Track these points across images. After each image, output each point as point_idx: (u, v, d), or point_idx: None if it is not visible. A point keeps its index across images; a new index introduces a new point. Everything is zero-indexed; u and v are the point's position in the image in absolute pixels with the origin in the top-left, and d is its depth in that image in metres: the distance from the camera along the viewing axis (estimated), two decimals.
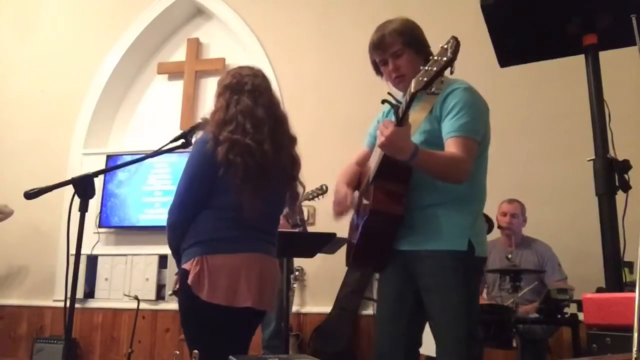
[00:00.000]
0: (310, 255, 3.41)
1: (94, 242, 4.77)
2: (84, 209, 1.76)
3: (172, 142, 2.01)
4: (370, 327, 4.19)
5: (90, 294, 4.73)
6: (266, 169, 1.96)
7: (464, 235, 1.79)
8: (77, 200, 1.76)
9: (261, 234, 2.02)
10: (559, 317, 2.91)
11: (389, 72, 1.94)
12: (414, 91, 1.56)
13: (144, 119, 5.25)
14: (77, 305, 3.63)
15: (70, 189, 1.76)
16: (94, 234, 4.77)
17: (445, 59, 1.46)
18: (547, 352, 3.43)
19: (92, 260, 4.76)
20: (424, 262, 1.81)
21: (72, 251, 1.72)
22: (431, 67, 1.50)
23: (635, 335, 1.14)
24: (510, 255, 3.22)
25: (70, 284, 1.68)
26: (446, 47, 1.47)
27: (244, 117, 1.99)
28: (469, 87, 1.87)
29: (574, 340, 2.87)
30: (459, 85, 1.85)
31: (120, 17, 5.27)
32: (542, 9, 2.03)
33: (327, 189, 3.64)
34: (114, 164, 4.47)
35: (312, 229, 4.20)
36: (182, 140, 2.01)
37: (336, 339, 4.13)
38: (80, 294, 4.60)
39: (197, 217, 1.97)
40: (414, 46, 1.90)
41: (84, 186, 1.77)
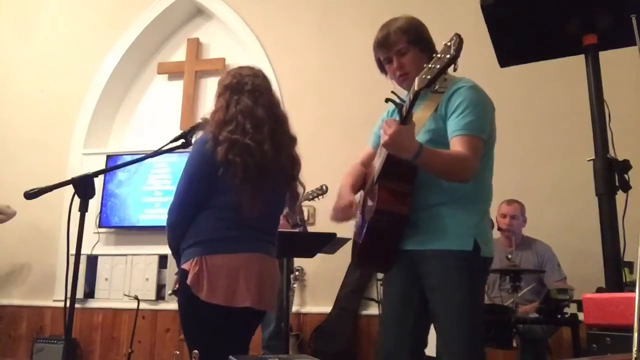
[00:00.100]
0: (310, 255, 3.41)
1: (94, 242, 4.77)
2: (84, 209, 1.77)
3: (172, 142, 2.01)
4: (370, 327, 4.19)
5: (90, 294, 4.73)
6: (266, 169, 1.96)
7: (469, 234, 1.78)
8: (77, 200, 1.76)
9: (261, 234, 2.02)
10: (559, 317, 2.90)
11: (393, 71, 1.92)
12: (417, 89, 1.55)
13: (144, 119, 5.25)
14: (77, 305, 3.63)
15: (70, 189, 1.76)
16: (94, 234, 4.77)
17: (448, 57, 1.45)
18: (547, 352, 3.43)
19: (92, 260, 4.76)
20: (429, 261, 1.79)
21: (72, 251, 1.72)
22: (434, 65, 1.49)
23: (635, 335, 1.14)
24: (510, 255, 3.21)
25: (70, 284, 1.68)
26: (449, 44, 1.46)
27: (244, 117, 1.99)
28: (475, 85, 1.85)
29: (574, 340, 2.86)
30: (464, 83, 1.84)
31: (120, 17, 5.27)
32: (542, 9, 2.02)
33: (327, 189, 3.64)
34: (114, 164, 4.47)
35: (312, 229, 4.20)
36: (182, 140, 2.01)
37: (336, 339, 4.13)
38: (80, 294, 4.60)
39: (196, 217, 1.97)
40: (418, 44, 1.89)
41: (84, 186, 1.78)
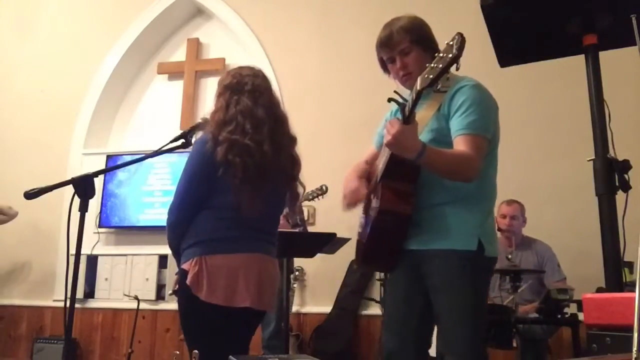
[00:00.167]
0: (310, 255, 3.41)
1: (94, 242, 4.77)
2: (84, 209, 1.77)
3: (172, 142, 2.01)
4: (370, 327, 4.19)
5: (90, 294, 4.73)
6: (265, 169, 1.96)
7: (473, 234, 1.77)
8: (77, 200, 1.76)
9: (261, 234, 2.02)
10: (559, 317, 2.90)
11: (396, 70, 1.91)
12: (419, 89, 1.54)
13: (144, 119, 5.24)
14: (77, 305, 3.62)
15: (70, 189, 1.76)
16: (94, 234, 4.77)
17: (450, 56, 1.45)
18: (547, 352, 3.43)
19: (92, 260, 4.76)
20: (433, 261, 1.78)
21: (72, 251, 1.72)
22: (437, 65, 1.49)
23: (635, 335, 1.14)
24: (510, 255, 3.21)
25: (70, 284, 1.68)
26: (451, 43, 1.45)
27: (244, 118, 1.99)
28: (478, 84, 1.84)
29: (574, 340, 2.86)
30: (467, 82, 1.83)
31: (120, 17, 5.27)
32: (542, 9, 2.02)
33: (327, 189, 3.64)
34: (114, 164, 4.47)
35: (312, 229, 4.21)
36: (182, 140, 2.01)
37: (336, 339, 4.13)
38: (80, 294, 4.60)
39: (196, 217, 1.97)
40: (421, 44, 1.88)
41: (84, 186, 1.77)
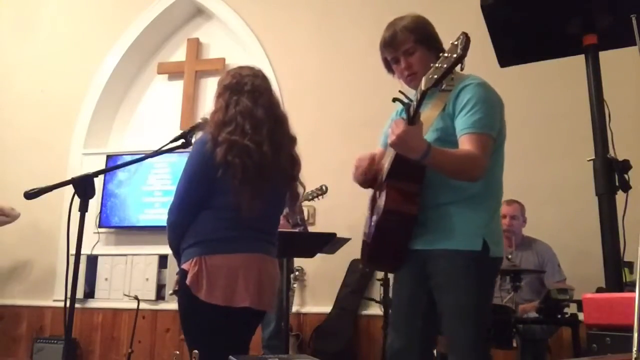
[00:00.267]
0: (310, 255, 3.41)
1: (94, 242, 4.77)
2: (84, 209, 1.77)
3: (172, 142, 2.01)
4: (370, 327, 4.18)
5: (90, 294, 4.73)
6: (265, 169, 1.96)
7: (478, 234, 1.75)
8: (77, 200, 1.76)
9: (261, 234, 2.02)
10: (559, 317, 2.90)
11: (401, 71, 1.91)
12: (424, 89, 1.54)
13: (144, 119, 5.24)
14: (77, 305, 3.62)
15: (70, 189, 1.76)
16: (94, 234, 4.77)
17: (455, 56, 1.44)
18: (547, 352, 3.43)
19: (92, 260, 4.76)
20: (437, 261, 1.78)
21: (72, 251, 1.72)
22: (441, 65, 1.49)
23: (635, 335, 1.14)
24: (510, 255, 3.21)
25: (70, 283, 1.69)
26: (456, 43, 1.45)
27: (243, 118, 1.98)
28: (482, 82, 1.83)
29: (574, 340, 2.86)
30: (472, 80, 1.82)
31: (120, 17, 5.27)
32: (542, 9, 2.02)
33: (327, 189, 3.65)
34: (114, 164, 4.47)
35: (312, 229, 4.21)
36: (182, 140, 2.02)
37: (336, 339, 4.13)
38: (80, 294, 4.60)
39: (196, 218, 1.98)
40: (425, 43, 1.87)
41: (84, 186, 1.78)
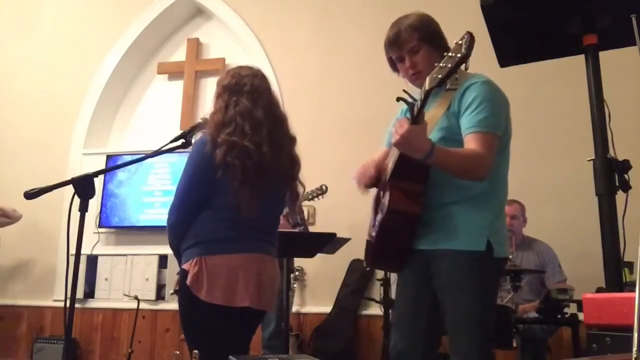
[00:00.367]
0: (310, 255, 3.41)
1: (94, 242, 4.77)
2: (84, 209, 1.77)
3: (172, 142, 2.01)
4: (370, 327, 4.18)
5: (90, 294, 4.73)
6: (264, 170, 1.96)
7: (482, 234, 1.74)
8: (77, 200, 1.76)
9: (261, 234, 2.02)
10: (559, 317, 2.91)
11: (405, 69, 1.90)
12: (428, 88, 1.54)
13: (144, 119, 5.24)
14: (77, 305, 3.62)
15: (70, 189, 1.76)
16: (94, 234, 4.77)
17: (459, 55, 1.44)
18: (547, 352, 3.43)
19: (92, 260, 4.76)
20: (441, 261, 1.76)
21: (72, 251, 1.72)
22: (445, 64, 1.48)
23: (635, 335, 1.14)
24: (510, 256, 3.21)
25: (70, 283, 1.68)
26: (460, 43, 1.45)
27: (243, 119, 1.98)
28: (488, 81, 1.82)
29: (574, 340, 2.86)
30: (478, 79, 1.81)
31: (120, 17, 5.27)
32: (542, 9, 2.02)
33: (326, 189, 3.65)
34: (114, 164, 4.47)
35: (312, 229, 4.20)
36: (182, 140, 2.01)
37: (336, 339, 4.13)
38: (80, 294, 4.60)
39: (196, 218, 1.98)
40: (430, 41, 1.86)
41: (84, 186, 1.77)
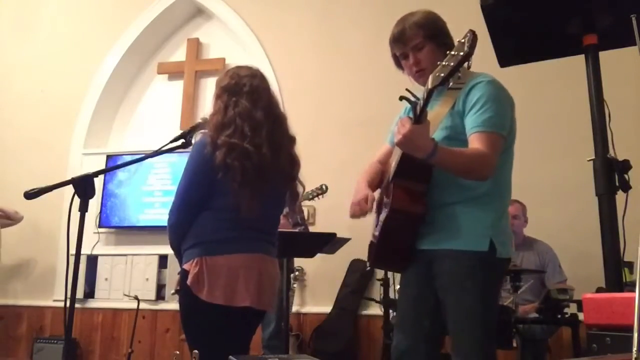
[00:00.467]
0: (310, 255, 3.41)
1: (94, 242, 4.77)
2: (84, 209, 1.76)
3: (172, 142, 2.01)
4: (370, 327, 4.18)
5: (90, 294, 4.73)
6: (264, 171, 1.96)
7: (485, 234, 1.73)
8: (77, 200, 1.76)
9: (261, 234, 2.03)
10: (559, 317, 2.90)
11: (409, 66, 1.88)
12: (431, 87, 1.53)
13: (144, 119, 5.24)
14: (77, 305, 3.62)
15: (70, 189, 1.76)
16: (94, 234, 4.77)
17: (462, 54, 1.43)
18: (547, 352, 3.43)
19: (92, 260, 4.76)
20: (443, 261, 1.75)
21: (72, 251, 1.72)
22: (448, 62, 1.47)
23: (635, 335, 1.14)
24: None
25: (70, 283, 1.68)
26: (463, 41, 1.44)
27: (242, 120, 1.98)
28: (493, 80, 1.80)
29: (574, 340, 2.86)
30: (483, 78, 1.79)
31: (120, 17, 5.27)
32: (542, 9, 2.02)
33: (326, 189, 3.64)
34: (114, 164, 4.47)
35: (312, 229, 4.20)
36: (182, 140, 2.01)
37: (336, 339, 4.13)
38: (80, 294, 4.60)
39: (197, 219, 1.98)
40: (435, 39, 1.85)
41: (84, 186, 1.77)
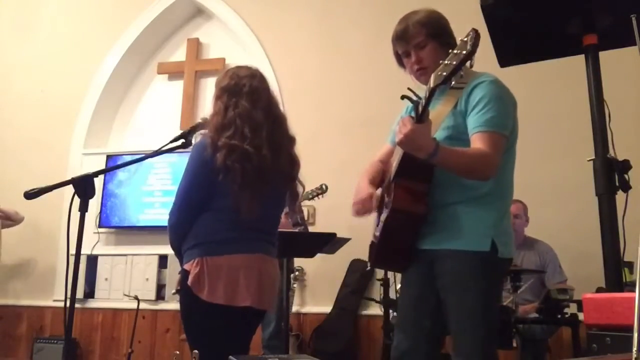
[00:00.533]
0: (310, 255, 3.41)
1: (94, 242, 4.77)
2: (84, 209, 1.76)
3: (172, 142, 2.01)
4: (370, 327, 4.18)
5: (90, 294, 4.73)
6: (264, 173, 1.96)
7: (486, 234, 1.72)
8: (77, 200, 1.76)
9: (261, 234, 2.03)
10: (559, 317, 2.90)
11: (411, 65, 1.88)
12: (433, 86, 1.52)
13: (144, 119, 5.24)
14: (77, 305, 3.62)
15: (70, 189, 1.76)
16: (94, 234, 4.77)
17: (465, 52, 1.42)
18: (547, 352, 3.43)
19: (92, 260, 4.76)
20: (444, 261, 1.75)
21: (72, 251, 1.72)
22: (450, 61, 1.46)
23: (635, 335, 1.14)
24: None
25: (70, 283, 1.68)
26: (465, 39, 1.43)
27: (242, 122, 1.98)
28: (496, 80, 1.80)
29: (574, 340, 2.86)
30: (485, 78, 1.78)
31: (120, 17, 5.27)
32: (542, 9, 2.02)
33: (326, 188, 3.65)
34: (114, 164, 4.47)
35: (312, 229, 4.20)
36: (182, 140, 2.02)
37: (336, 339, 4.13)
38: (80, 294, 4.60)
39: (197, 219, 1.98)
40: (438, 38, 1.84)
41: (84, 186, 1.77)
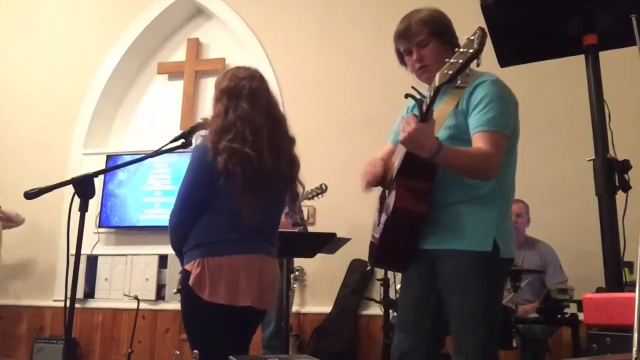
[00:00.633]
0: (310, 255, 3.41)
1: (94, 242, 4.77)
2: (84, 209, 1.76)
3: (172, 142, 2.01)
4: (370, 327, 4.18)
5: (90, 294, 4.73)
6: (265, 176, 1.97)
7: (488, 234, 1.72)
8: (77, 200, 1.76)
9: (261, 235, 2.03)
10: (559, 317, 2.90)
11: (412, 63, 1.87)
12: (438, 84, 1.51)
13: (144, 119, 5.24)
14: (77, 305, 3.62)
15: (70, 189, 1.76)
16: (94, 234, 4.77)
17: (471, 51, 1.41)
18: (547, 352, 3.43)
19: (92, 260, 4.76)
20: (446, 261, 1.74)
21: (72, 251, 1.72)
22: (457, 60, 1.45)
23: (635, 335, 1.14)
24: None
25: (70, 283, 1.68)
26: (472, 38, 1.42)
27: (243, 124, 1.98)
28: (497, 80, 1.79)
29: (574, 340, 2.86)
30: (487, 78, 1.78)
31: (120, 17, 5.27)
32: (542, 9, 2.02)
33: (326, 188, 3.65)
34: (114, 164, 4.47)
35: (312, 229, 4.20)
36: (182, 140, 2.02)
37: (336, 339, 4.13)
38: (80, 294, 4.60)
39: (198, 220, 1.99)
40: (440, 37, 1.83)
41: (84, 186, 1.77)
